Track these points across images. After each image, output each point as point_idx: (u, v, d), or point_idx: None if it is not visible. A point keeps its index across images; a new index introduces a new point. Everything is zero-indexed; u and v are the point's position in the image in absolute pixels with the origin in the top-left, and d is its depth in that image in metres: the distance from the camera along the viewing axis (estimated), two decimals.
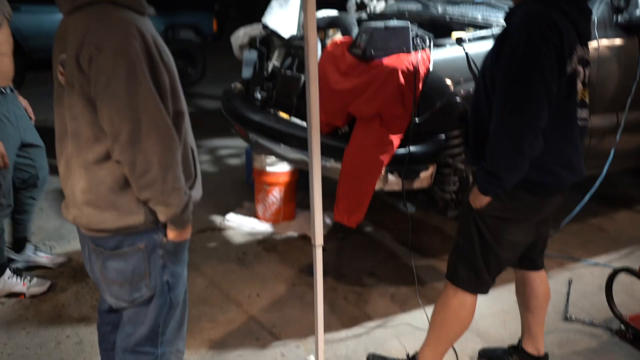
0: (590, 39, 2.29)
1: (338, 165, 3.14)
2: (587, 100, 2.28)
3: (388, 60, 3.05)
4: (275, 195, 4.30)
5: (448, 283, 2.45)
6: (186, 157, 1.90)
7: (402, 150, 3.04)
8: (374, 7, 4.70)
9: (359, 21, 4.47)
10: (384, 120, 3.01)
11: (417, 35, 3.17)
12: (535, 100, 2.01)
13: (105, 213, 1.82)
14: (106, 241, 1.88)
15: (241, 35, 4.38)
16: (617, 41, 3.62)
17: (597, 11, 3.60)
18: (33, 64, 8.47)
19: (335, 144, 3.18)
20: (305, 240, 4.13)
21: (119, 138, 1.69)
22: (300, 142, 3.32)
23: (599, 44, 3.55)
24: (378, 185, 3.07)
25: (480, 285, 2.40)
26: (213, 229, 4.35)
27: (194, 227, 2.03)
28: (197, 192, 1.99)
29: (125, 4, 1.75)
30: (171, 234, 1.89)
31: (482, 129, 2.20)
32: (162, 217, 1.82)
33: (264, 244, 4.13)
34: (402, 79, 2.97)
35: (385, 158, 2.98)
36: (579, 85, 2.19)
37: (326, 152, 3.12)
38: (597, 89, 3.55)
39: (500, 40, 2.16)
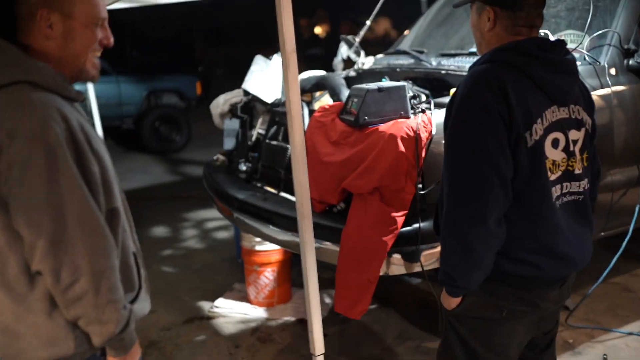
0: (577, 94, 1.86)
1: (336, 249, 2.75)
2: (577, 169, 1.84)
3: (385, 127, 2.70)
4: (268, 276, 3.89)
5: None
6: (126, 264, 1.57)
7: (408, 228, 2.65)
8: (362, 64, 4.39)
9: (348, 80, 4.16)
10: (385, 196, 2.64)
11: (414, 96, 2.83)
12: (479, 184, 1.67)
13: (23, 341, 1.46)
14: None
15: (221, 103, 4.04)
16: (632, 86, 3.30)
17: (606, 56, 3.29)
18: None
19: (330, 224, 2.80)
20: (304, 325, 3.69)
21: (37, 242, 1.36)
22: (290, 222, 2.94)
23: (611, 91, 3.22)
24: (382, 270, 2.68)
25: None
26: (201, 318, 3.92)
27: (179, 318, 1.62)
28: (142, 307, 1.65)
29: (46, 86, 1.43)
30: None
31: None
32: (97, 340, 1.45)
33: (259, 333, 3.69)
34: (402, 147, 2.61)
35: (389, 239, 2.60)
36: (556, 155, 1.78)
37: (321, 233, 2.75)
38: (614, 140, 3.21)
39: (449, 109, 1.82)
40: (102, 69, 6.23)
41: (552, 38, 2.94)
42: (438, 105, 2.97)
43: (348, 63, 4.53)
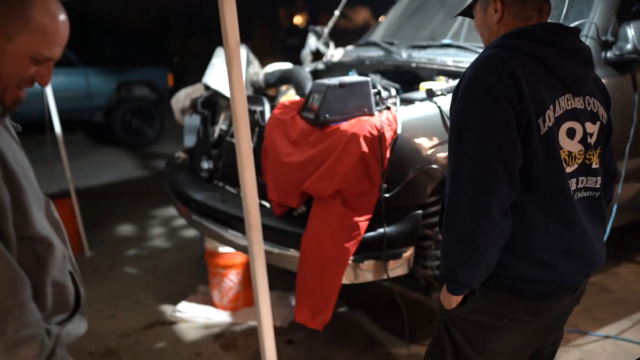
0: (594, 85, 1.75)
1: (296, 255, 2.58)
2: (594, 164, 1.72)
3: (346, 125, 2.52)
4: (232, 279, 3.71)
5: None
6: (61, 285, 1.43)
7: (372, 234, 2.49)
8: (331, 56, 4.21)
9: (315, 73, 3.98)
10: (347, 199, 2.47)
11: (378, 91, 2.66)
12: (483, 173, 1.55)
13: None
14: None
15: (182, 98, 3.85)
16: (608, 81, 3.15)
17: None
18: None
19: (289, 229, 2.62)
20: None
21: None
22: (265, 229, 2.76)
23: None
24: (346, 278, 2.51)
25: None
26: (162, 323, 3.73)
27: (140, 324, 1.49)
28: (78, 326, 1.52)
29: None
30: None
31: None
32: None
33: (222, 339, 3.51)
34: (365, 147, 2.44)
35: (352, 245, 2.43)
36: (572, 147, 1.66)
37: (280, 239, 2.58)
38: None
39: (454, 96, 1.71)
40: (69, 61, 6.04)
41: None
42: (406, 101, 2.80)
43: (317, 55, 4.35)
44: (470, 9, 1.85)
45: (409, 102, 2.78)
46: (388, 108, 2.61)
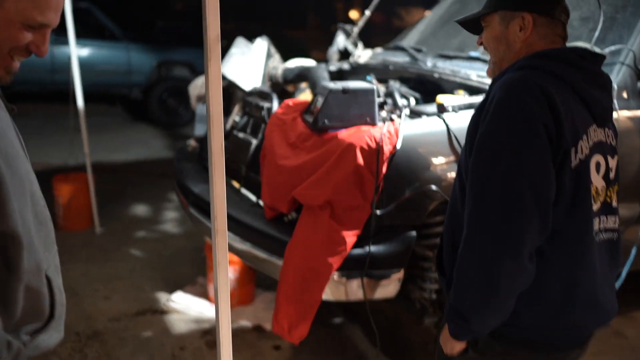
0: (611, 116, 1.63)
1: (279, 263, 2.46)
2: (614, 202, 1.59)
3: (344, 134, 2.39)
4: (229, 275, 3.62)
5: None
6: (34, 290, 1.31)
7: (359, 251, 2.35)
8: (358, 57, 4.06)
9: (340, 73, 3.85)
10: (336, 212, 2.34)
11: (384, 101, 2.51)
12: (517, 212, 1.39)
13: None
14: None
15: (199, 85, 3.77)
16: None
17: (617, 76, 2.92)
18: (15, 97, 8.16)
19: (276, 235, 2.51)
20: (260, 333, 3.44)
21: None
22: (242, 228, 2.67)
23: (619, 116, 2.86)
24: (327, 295, 2.39)
25: None
26: (154, 311, 3.67)
27: (132, 309, 1.36)
28: (49, 337, 1.38)
29: None
30: None
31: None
32: None
33: (209, 335, 3.43)
34: (360, 159, 2.31)
35: (335, 261, 2.30)
36: (598, 182, 1.52)
37: (265, 244, 2.47)
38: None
39: (474, 122, 1.53)
40: (113, 35, 6.02)
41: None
42: (417, 113, 2.65)
43: (345, 55, 4.21)
44: (478, 18, 1.66)
45: (422, 114, 2.63)
46: (391, 120, 2.46)
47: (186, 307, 3.70)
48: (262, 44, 3.60)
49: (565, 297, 1.50)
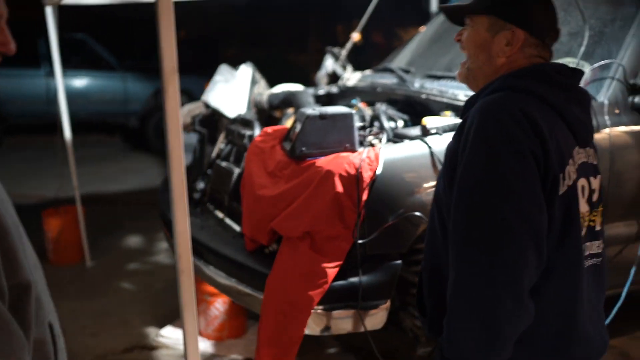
0: (592, 134, 1.51)
1: (260, 296, 2.37)
2: (597, 226, 1.47)
3: (323, 161, 2.31)
4: (219, 307, 3.52)
5: None
6: (41, 341, 1.17)
7: (341, 282, 2.25)
8: (347, 80, 3.99)
9: (329, 97, 3.78)
10: (317, 242, 2.25)
11: (363, 126, 2.43)
12: (512, 249, 1.25)
13: None
14: None
15: (184, 114, 3.70)
16: (635, 128, 2.84)
17: (608, 91, 2.84)
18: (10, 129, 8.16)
19: (256, 267, 2.42)
20: None
21: None
22: (232, 265, 2.57)
23: (611, 133, 2.76)
24: (310, 330, 2.28)
25: None
26: (143, 347, 3.56)
27: (120, 345, 1.24)
28: None
29: None
30: None
31: (443, 284, 1.39)
32: None
33: None
34: (339, 187, 2.22)
35: (316, 294, 2.21)
36: (584, 207, 1.40)
37: (246, 277, 2.38)
38: (611, 190, 2.76)
39: (452, 151, 1.39)
40: (109, 64, 5.98)
41: None
42: (400, 137, 2.56)
43: (334, 78, 4.14)
44: (462, 11, 1.50)
45: (405, 137, 2.55)
46: (372, 145, 2.37)
47: (176, 342, 3.59)
48: (246, 70, 3.54)
49: (559, 334, 1.37)
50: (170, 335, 3.65)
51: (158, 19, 1.55)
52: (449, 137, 2.46)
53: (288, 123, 3.44)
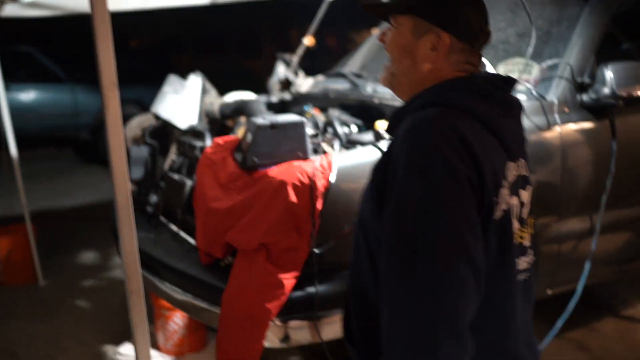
0: (523, 145, 1.40)
1: (217, 311, 2.31)
2: (525, 241, 1.36)
3: (275, 171, 2.26)
4: (177, 322, 3.44)
5: None
6: None
7: (300, 293, 2.22)
8: (300, 86, 3.96)
9: (282, 104, 3.74)
10: (272, 254, 2.20)
11: (315, 134, 2.40)
12: (451, 284, 1.14)
13: None
14: None
15: (134, 126, 3.61)
16: (584, 125, 2.88)
17: (557, 91, 2.87)
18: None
19: (212, 282, 2.36)
20: None
21: None
22: (187, 280, 2.49)
23: (561, 131, 2.79)
24: (270, 343, 2.24)
25: None
26: None
27: None
28: None
29: None
30: None
31: (371, 314, 1.30)
32: None
33: None
34: (293, 197, 2.18)
35: (274, 306, 2.16)
36: (515, 227, 1.30)
37: (201, 292, 2.32)
38: (562, 187, 2.79)
39: (380, 171, 1.25)
40: (57, 77, 5.84)
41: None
42: (354, 143, 2.54)
43: (286, 85, 4.10)
44: (384, 10, 1.38)
45: (358, 143, 2.53)
46: (324, 152, 2.35)
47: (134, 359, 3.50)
48: (196, 80, 3.47)
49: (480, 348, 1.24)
50: (128, 353, 3.54)
51: (94, 32, 1.49)
52: None
53: (240, 132, 3.39)
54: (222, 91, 3.84)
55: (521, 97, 2.86)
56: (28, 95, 8.02)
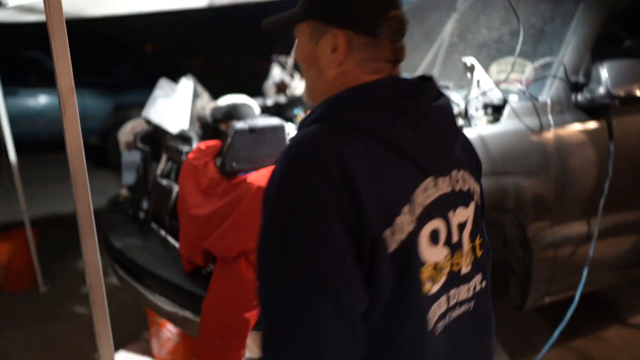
0: (460, 152, 1.24)
1: (197, 320, 2.27)
2: (464, 268, 1.21)
3: (254, 177, 2.22)
4: (171, 329, 3.41)
5: None
6: None
7: None
8: (295, 88, 3.91)
9: (278, 107, 3.69)
10: (251, 262, 2.15)
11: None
12: (312, 328, 0.99)
13: None
14: None
15: (127, 131, 3.58)
16: (579, 127, 2.79)
17: (550, 90, 2.79)
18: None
19: (192, 290, 2.31)
20: None
21: None
22: (176, 290, 2.45)
23: (553, 132, 2.72)
24: (251, 353, 2.19)
25: None
26: None
27: None
28: None
29: None
30: None
31: None
32: None
33: None
34: None
35: (253, 315, 2.11)
36: (436, 256, 1.13)
37: (183, 300, 2.28)
38: (556, 191, 2.71)
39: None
40: None
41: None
42: None
43: (282, 88, 4.06)
44: (283, 24, 1.26)
45: None
46: None
47: None
48: (187, 84, 3.44)
49: None
50: None
51: (51, 38, 1.45)
52: None
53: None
54: (235, 93, 3.79)
55: (513, 97, 2.78)
56: (36, 100, 8.07)
